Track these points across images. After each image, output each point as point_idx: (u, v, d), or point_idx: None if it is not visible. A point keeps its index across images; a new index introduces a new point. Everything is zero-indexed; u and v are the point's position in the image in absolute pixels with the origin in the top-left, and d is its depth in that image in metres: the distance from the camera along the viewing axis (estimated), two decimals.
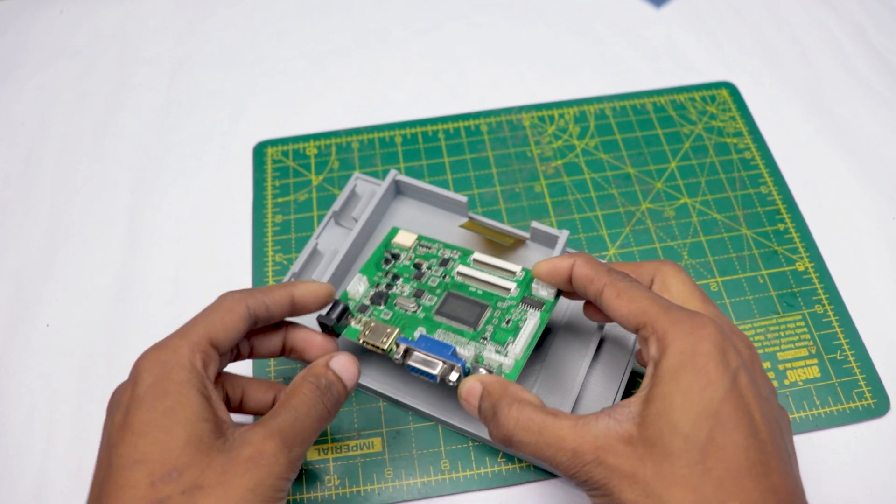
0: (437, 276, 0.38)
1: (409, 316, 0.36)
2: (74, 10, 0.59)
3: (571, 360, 0.39)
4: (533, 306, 0.35)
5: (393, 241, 0.40)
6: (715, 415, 0.25)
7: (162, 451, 0.26)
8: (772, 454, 0.25)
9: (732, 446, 0.25)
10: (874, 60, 0.53)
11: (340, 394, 0.31)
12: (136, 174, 0.49)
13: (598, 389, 0.38)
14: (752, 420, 0.25)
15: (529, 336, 0.34)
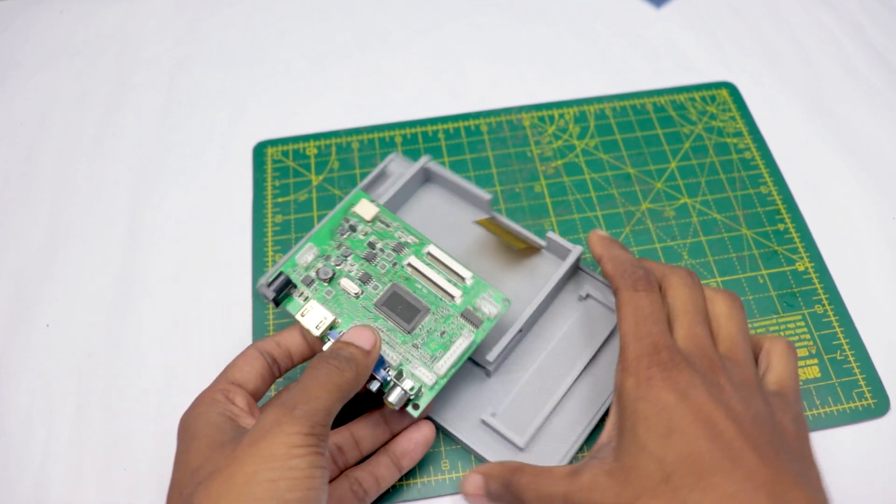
0: (387, 262, 0.37)
1: (350, 301, 0.36)
2: (74, 9, 0.59)
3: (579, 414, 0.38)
4: (471, 322, 0.35)
5: (353, 209, 0.38)
6: (669, 433, 0.27)
7: (185, 464, 0.28)
8: (742, 447, 0.27)
9: (694, 455, 0.27)
10: (874, 60, 0.53)
11: (354, 354, 0.31)
12: (136, 174, 0.49)
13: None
14: (712, 425, 0.27)
15: (458, 356, 0.34)
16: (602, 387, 0.38)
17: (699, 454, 0.27)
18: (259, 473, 0.26)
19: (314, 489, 0.27)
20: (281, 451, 0.26)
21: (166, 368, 0.41)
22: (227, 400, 0.31)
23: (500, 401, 0.38)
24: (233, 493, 0.25)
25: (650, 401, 0.28)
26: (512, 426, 0.37)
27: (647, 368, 0.29)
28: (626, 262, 0.34)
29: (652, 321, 0.31)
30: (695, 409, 0.28)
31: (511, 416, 0.37)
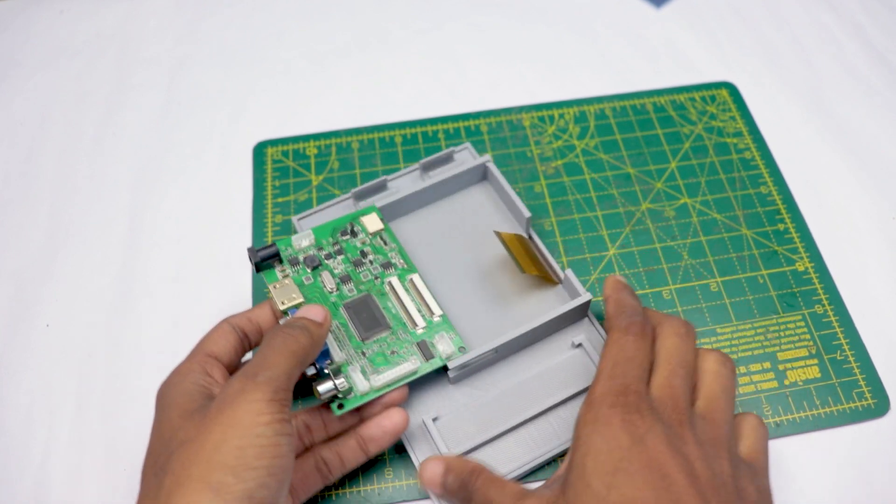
0: (371, 274, 0.39)
1: (322, 294, 0.38)
2: (74, 9, 0.59)
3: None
4: (423, 353, 0.36)
5: (361, 218, 0.41)
6: (615, 472, 0.27)
7: (158, 434, 0.29)
8: (690, 502, 0.26)
9: (636, 501, 0.26)
10: (874, 60, 0.53)
11: (307, 325, 0.32)
12: (136, 174, 0.49)
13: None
14: (664, 475, 0.27)
15: (397, 377, 0.35)
16: (554, 436, 0.37)
17: (642, 501, 0.26)
18: (227, 441, 0.26)
19: (280, 457, 0.27)
20: (247, 419, 0.27)
21: (166, 368, 0.41)
22: (203, 371, 0.32)
23: (450, 410, 0.38)
24: (203, 461, 0.26)
25: (605, 438, 0.28)
26: (448, 436, 0.37)
27: (609, 406, 0.29)
28: (628, 307, 0.33)
29: (631, 365, 0.30)
30: (648, 455, 0.27)
31: (453, 427, 0.37)
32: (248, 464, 0.26)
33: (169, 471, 0.27)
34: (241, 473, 0.26)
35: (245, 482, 0.26)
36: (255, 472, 0.27)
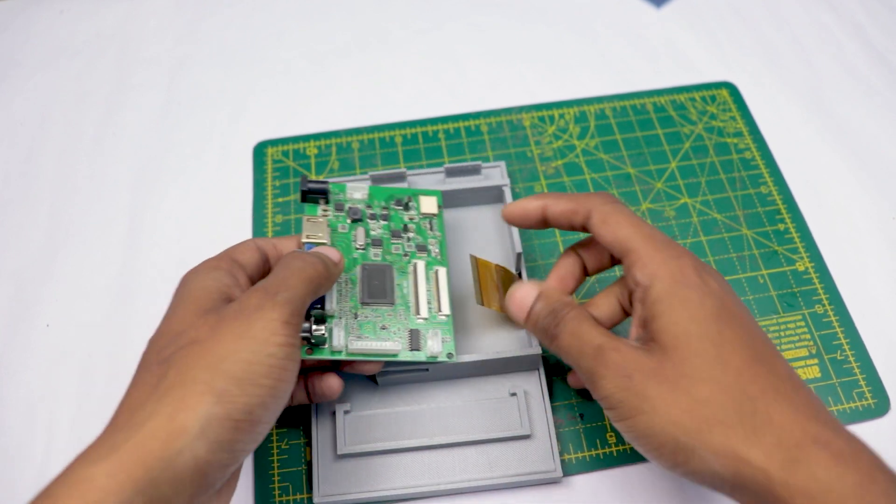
0: (403, 250, 0.39)
1: (348, 246, 0.38)
2: (74, 9, 0.59)
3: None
4: (410, 341, 0.36)
5: (421, 196, 0.41)
6: (718, 318, 0.28)
7: (170, 325, 0.29)
8: (769, 346, 0.29)
9: (739, 341, 0.28)
10: (874, 60, 0.53)
11: (325, 259, 0.32)
12: (136, 174, 0.49)
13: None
14: (744, 322, 0.29)
15: (375, 350, 0.35)
16: (453, 471, 0.36)
17: (742, 344, 0.28)
18: (238, 353, 0.26)
19: (285, 381, 0.28)
20: (261, 336, 0.27)
21: None
22: (228, 272, 0.31)
23: (365, 409, 0.38)
24: (210, 366, 0.26)
25: (692, 289, 0.29)
26: (351, 432, 0.37)
27: (684, 266, 0.30)
28: (571, 200, 0.34)
29: (650, 227, 0.32)
30: (730, 304, 0.29)
31: (361, 426, 0.37)
32: (255, 380, 0.26)
33: (173, 365, 0.26)
34: (246, 388, 0.26)
35: (248, 397, 0.26)
36: (260, 390, 0.26)
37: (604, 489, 0.36)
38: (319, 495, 0.35)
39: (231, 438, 0.26)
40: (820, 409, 0.27)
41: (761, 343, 0.29)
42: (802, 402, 0.27)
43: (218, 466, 0.26)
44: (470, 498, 0.36)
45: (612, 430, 0.38)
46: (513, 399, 0.38)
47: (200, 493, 0.25)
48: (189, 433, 0.24)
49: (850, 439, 0.26)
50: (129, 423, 0.25)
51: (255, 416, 0.26)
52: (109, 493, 0.23)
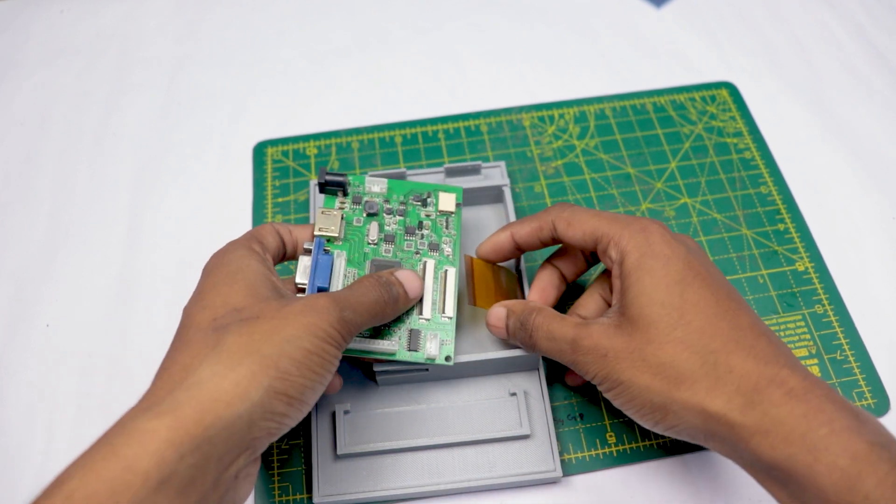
0: (415, 247, 0.38)
1: (361, 240, 0.37)
2: (74, 9, 0.59)
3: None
4: (409, 342, 0.36)
5: (441, 192, 0.40)
6: (681, 281, 0.31)
7: (225, 298, 0.30)
8: (733, 301, 0.31)
9: (703, 301, 0.30)
10: (874, 60, 0.53)
11: (400, 295, 0.34)
12: (136, 174, 0.49)
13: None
14: (709, 281, 0.31)
15: (372, 350, 0.35)
16: (452, 471, 0.36)
17: (705, 302, 0.30)
18: (300, 340, 0.28)
19: (328, 376, 0.30)
20: (322, 335, 0.29)
21: None
22: (263, 257, 0.33)
23: (365, 409, 0.38)
24: (274, 343, 0.28)
25: (657, 257, 0.31)
26: (350, 433, 0.37)
27: (650, 235, 0.32)
28: (531, 222, 0.37)
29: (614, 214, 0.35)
30: (693, 266, 0.31)
31: (361, 426, 0.37)
32: (311, 367, 0.28)
33: (232, 333, 0.28)
34: (304, 371, 0.28)
35: (304, 379, 0.28)
36: (313, 376, 0.29)
37: (604, 489, 0.36)
38: (319, 495, 0.35)
39: (283, 412, 0.28)
40: (779, 352, 0.29)
41: (725, 299, 0.31)
42: (762, 349, 0.29)
43: (267, 434, 0.28)
44: (470, 498, 0.36)
45: (612, 429, 0.38)
46: (513, 399, 0.38)
47: (246, 456, 0.27)
48: (251, 399, 0.26)
49: (805, 377, 0.28)
50: (187, 381, 0.26)
51: (304, 398, 0.29)
52: (170, 444, 0.24)
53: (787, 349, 0.30)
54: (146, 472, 0.23)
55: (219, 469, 0.26)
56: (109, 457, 0.24)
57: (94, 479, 0.23)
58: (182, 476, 0.24)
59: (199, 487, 0.25)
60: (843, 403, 0.27)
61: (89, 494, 0.23)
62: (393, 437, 0.37)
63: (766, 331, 0.30)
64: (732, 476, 0.36)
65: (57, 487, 0.23)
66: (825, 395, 0.27)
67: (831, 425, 0.26)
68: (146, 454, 0.24)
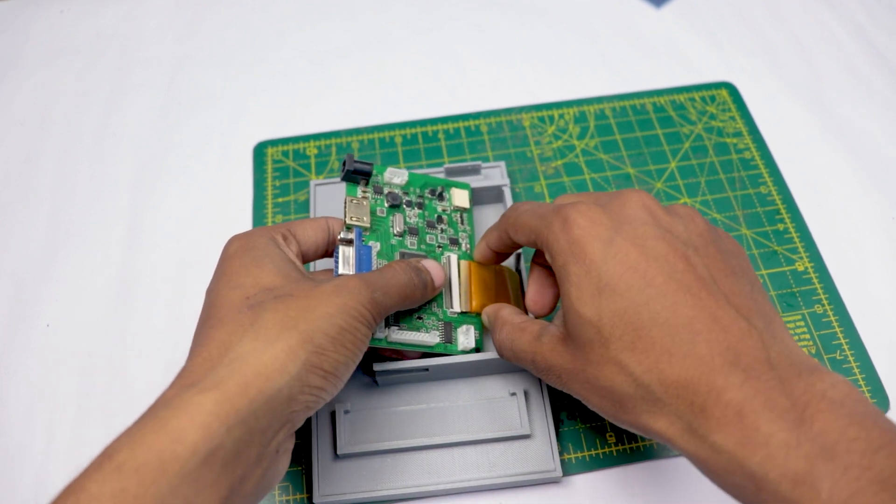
0: (437, 241, 0.38)
1: (387, 232, 0.37)
2: (74, 9, 0.59)
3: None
4: (444, 333, 0.36)
5: (453, 189, 0.41)
6: (598, 294, 0.27)
7: (255, 279, 0.30)
8: (663, 297, 0.26)
9: (624, 311, 0.27)
10: (874, 60, 0.53)
11: (427, 282, 0.35)
12: (136, 174, 0.49)
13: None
14: (644, 274, 0.27)
15: (413, 342, 0.35)
16: (452, 471, 0.36)
17: (634, 312, 0.26)
18: (335, 317, 0.29)
19: (362, 351, 0.30)
20: (354, 313, 0.29)
21: (167, 368, 0.41)
22: (284, 243, 0.33)
23: (365, 409, 0.38)
24: (309, 320, 0.28)
25: (578, 261, 0.28)
26: (350, 432, 0.37)
27: (569, 231, 0.29)
28: (493, 232, 0.36)
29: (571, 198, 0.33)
30: (620, 259, 0.27)
31: (361, 426, 0.37)
32: (344, 343, 0.29)
33: (268, 310, 0.28)
34: (338, 347, 0.29)
35: (338, 355, 0.29)
36: (347, 352, 0.29)
37: (603, 489, 0.37)
38: (319, 495, 0.35)
39: (320, 385, 0.28)
40: (717, 347, 0.25)
41: (655, 298, 0.26)
42: (700, 348, 0.25)
43: (304, 408, 0.28)
44: (470, 498, 0.36)
45: (612, 429, 0.38)
46: (513, 399, 0.38)
47: (286, 430, 0.28)
48: (290, 373, 0.27)
49: (745, 378, 0.24)
50: (228, 356, 0.27)
51: (338, 373, 0.29)
52: (216, 417, 0.25)
53: (700, 335, 0.25)
54: (194, 444, 0.24)
55: (262, 443, 0.26)
56: (157, 430, 0.24)
57: (142, 451, 0.24)
58: (228, 450, 0.25)
59: (243, 461, 0.26)
60: (780, 404, 0.23)
61: (139, 465, 0.23)
62: (393, 437, 0.37)
63: (710, 312, 0.26)
64: None
65: (107, 458, 0.24)
66: (764, 402, 0.24)
67: (767, 448, 0.23)
68: (193, 427, 0.24)
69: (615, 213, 0.29)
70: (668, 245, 0.28)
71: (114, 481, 0.23)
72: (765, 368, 0.24)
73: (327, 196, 0.45)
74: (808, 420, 0.23)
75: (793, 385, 0.24)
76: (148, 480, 0.23)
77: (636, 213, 0.29)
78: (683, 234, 0.29)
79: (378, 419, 0.37)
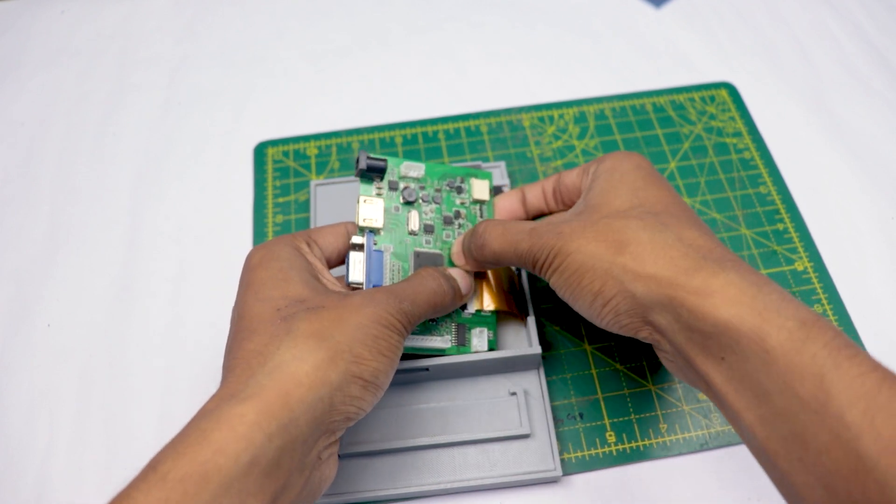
0: (453, 237, 0.38)
1: (401, 230, 0.37)
2: (75, 10, 0.59)
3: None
4: (457, 335, 0.37)
5: (472, 179, 0.40)
6: (647, 177, 0.33)
7: (283, 291, 0.30)
8: (686, 206, 0.32)
9: (664, 197, 0.32)
10: (874, 60, 0.53)
11: (456, 289, 0.35)
12: (136, 174, 0.49)
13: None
14: (672, 192, 0.33)
15: (424, 346, 0.35)
16: (452, 470, 0.36)
17: (666, 193, 0.32)
18: (367, 328, 0.29)
19: (396, 362, 0.30)
20: (385, 322, 0.30)
21: (167, 369, 0.41)
22: (309, 251, 0.34)
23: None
24: (346, 330, 0.29)
25: (625, 162, 0.34)
26: (350, 433, 0.37)
27: (622, 154, 0.35)
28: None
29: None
30: (655, 174, 0.34)
31: (360, 427, 0.37)
32: (381, 351, 0.29)
33: (302, 321, 0.29)
34: (375, 355, 0.29)
35: (377, 363, 0.29)
36: (385, 360, 0.29)
37: (603, 489, 0.37)
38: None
39: (359, 395, 0.28)
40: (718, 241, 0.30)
41: (680, 202, 0.32)
42: (706, 231, 0.30)
43: (345, 418, 0.28)
44: (470, 497, 0.36)
45: (612, 429, 0.38)
46: (513, 399, 0.38)
47: (325, 438, 0.28)
48: (330, 383, 0.27)
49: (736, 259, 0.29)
50: (267, 366, 0.27)
51: (378, 381, 0.29)
52: (258, 427, 0.25)
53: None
54: (236, 454, 0.24)
55: (303, 451, 0.27)
56: (200, 441, 0.24)
57: (186, 462, 0.24)
58: (269, 458, 0.25)
59: (285, 470, 0.26)
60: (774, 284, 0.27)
61: (183, 476, 0.24)
62: (393, 437, 0.37)
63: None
64: (732, 476, 0.37)
65: (151, 470, 0.24)
66: (773, 282, 0.27)
67: (781, 294, 0.26)
68: (235, 438, 0.24)
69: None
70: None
71: (158, 491, 0.23)
72: None
73: (328, 196, 0.45)
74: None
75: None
76: (191, 491, 0.23)
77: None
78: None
79: (378, 419, 0.37)
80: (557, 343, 0.41)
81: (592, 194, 0.33)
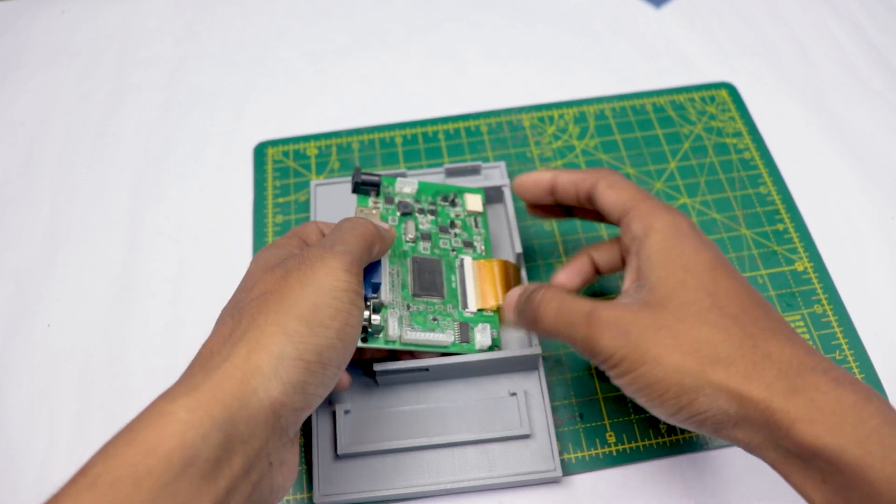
0: (450, 245, 0.39)
1: (399, 239, 0.38)
2: (75, 10, 0.59)
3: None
4: (460, 333, 0.37)
5: (466, 194, 0.41)
6: (713, 269, 0.30)
7: (244, 285, 0.31)
8: (762, 297, 0.30)
9: (734, 290, 0.29)
10: (874, 60, 0.53)
11: (378, 223, 0.34)
12: (136, 174, 0.49)
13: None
14: (739, 275, 0.31)
15: (427, 342, 0.36)
16: (452, 471, 0.36)
17: (739, 292, 0.29)
18: (305, 297, 0.28)
19: (350, 325, 0.29)
20: (325, 280, 0.28)
21: (167, 369, 0.41)
22: (296, 247, 0.33)
23: (365, 409, 0.38)
24: (281, 310, 0.27)
25: (688, 240, 0.31)
26: (350, 432, 0.37)
27: (680, 221, 0.32)
28: (576, 173, 0.36)
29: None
30: (724, 258, 0.31)
31: (361, 426, 0.37)
32: (322, 321, 0.27)
33: (246, 314, 0.28)
34: (315, 329, 0.27)
35: (318, 338, 0.27)
36: (328, 332, 0.28)
37: (603, 489, 0.37)
38: (319, 495, 0.35)
39: (303, 380, 0.27)
40: (813, 348, 0.28)
41: (755, 293, 0.30)
42: (798, 340, 0.28)
43: (291, 409, 0.27)
44: (470, 498, 0.36)
45: (612, 429, 0.38)
46: (513, 399, 0.38)
47: (275, 436, 0.26)
48: (263, 373, 0.26)
49: (845, 371, 0.27)
50: (207, 366, 0.26)
51: (324, 358, 0.27)
52: (190, 426, 0.24)
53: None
54: (168, 454, 0.23)
55: (247, 453, 0.25)
56: (131, 442, 0.23)
57: (116, 465, 0.23)
58: (206, 459, 0.24)
59: (226, 473, 0.24)
60: (885, 399, 0.26)
61: (113, 480, 0.22)
62: (393, 437, 0.37)
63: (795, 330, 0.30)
64: (732, 476, 0.37)
65: (81, 475, 0.23)
66: (869, 389, 0.26)
67: (884, 417, 0.25)
68: (167, 436, 0.23)
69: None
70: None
71: (87, 496, 0.22)
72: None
73: (328, 196, 0.45)
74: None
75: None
76: (122, 495, 0.22)
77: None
78: None
79: (378, 419, 0.37)
80: (558, 343, 0.41)
81: (658, 283, 0.30)
